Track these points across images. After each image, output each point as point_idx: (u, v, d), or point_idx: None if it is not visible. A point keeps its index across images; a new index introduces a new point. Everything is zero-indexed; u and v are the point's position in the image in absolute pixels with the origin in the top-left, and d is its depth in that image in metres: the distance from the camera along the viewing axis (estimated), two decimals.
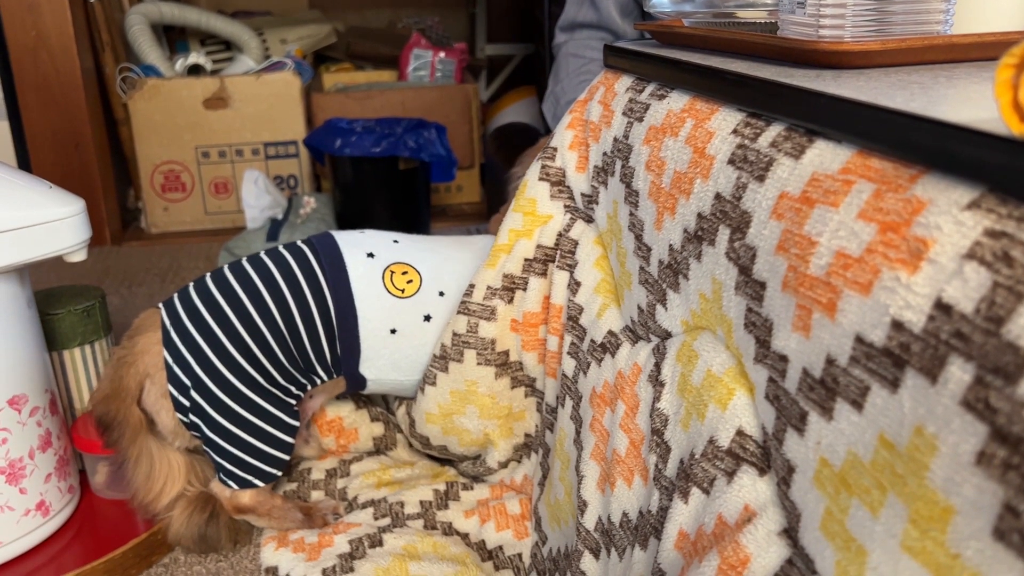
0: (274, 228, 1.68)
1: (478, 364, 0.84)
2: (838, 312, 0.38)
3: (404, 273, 0.88)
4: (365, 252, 0.89)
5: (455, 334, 0.84)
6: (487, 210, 2.07)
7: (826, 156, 0.42)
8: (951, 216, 0.33)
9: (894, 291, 0.35)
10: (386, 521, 0.86)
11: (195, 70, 2.04)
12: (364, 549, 0.81)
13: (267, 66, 2.02)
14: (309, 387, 0.88)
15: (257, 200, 1.77)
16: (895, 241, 0.36)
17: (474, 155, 2.10)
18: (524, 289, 0.82)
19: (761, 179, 0.47)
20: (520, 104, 2.23)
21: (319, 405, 0.96)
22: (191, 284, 0.86)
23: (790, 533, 0.42)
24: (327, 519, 0.87)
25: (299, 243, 0.90)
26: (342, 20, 2.49)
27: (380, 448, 1.00)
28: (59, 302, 0.94)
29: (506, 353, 0.84)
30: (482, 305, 0.83)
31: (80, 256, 0.84)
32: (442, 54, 2.20)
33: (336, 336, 0.86)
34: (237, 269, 0.86)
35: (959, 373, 0.31)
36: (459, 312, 0.84)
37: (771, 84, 0.49)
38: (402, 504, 0.88)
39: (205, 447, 0.84)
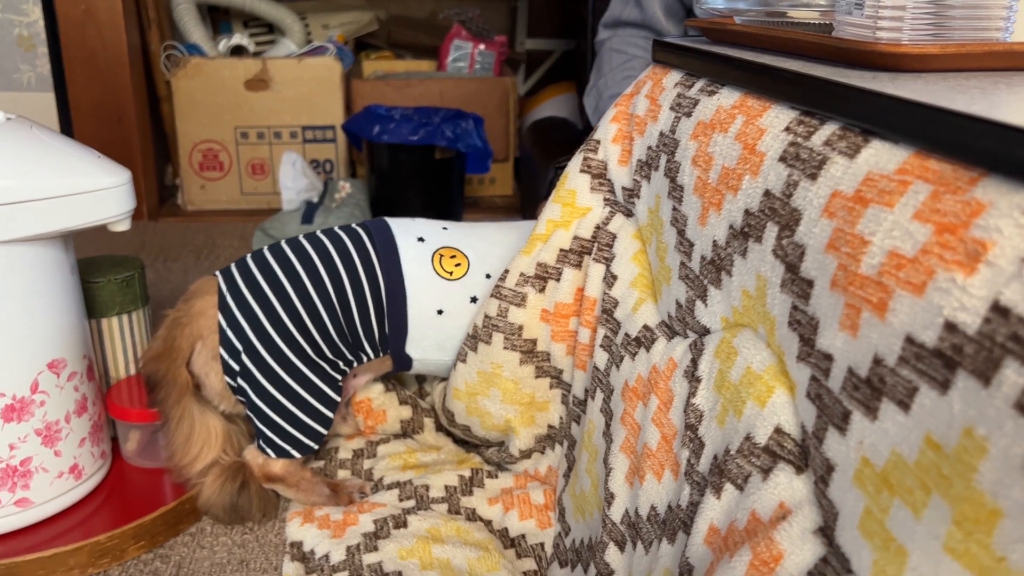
0: (309, 211, 1.70)
1: (504, 348, 0.85)
2: (888, 312, 0.38)
3: (452, 256, 0.91)
4: (416, 236, 0.92)
5: (486, 316, 0.86)
6: (520, 203, 2.07)
7: (882, 156, 0.42)
8: (1012, 219, 0.33)
9: (949, 292, 0.35)
10: (411, 503, 0.87)
11: (238, 51, 2.06)
12: (388, 529, 0.82)
13: (309, 50, 2.03)
14: (355, 364, 0.90)
15: (294, 182, 1.78)
16: (952, 243, 0.35)
17: (509, 148, 2.11)
18: (557, 280, 0.82)
19: (813, 177, 0.46)
20: (558, 99, 2.23)
21: (363, 383, 0.98)
22: (249, 255, 0.89)
23: (826, 532, 0.42)
24: (353, 497, 0.88)
25: (354, 225, 0.93)
26: (384, 8, 2.49)
27: (407, 431, 1.01)
28: (100, 271, 0.95)
29: (533, 342, 0.85)
30: (514, 291, 0.84)
31: (124, 226, 0.85)
32: (482, 46, 2.20)
33: (385, 315, 0.88)
34: (295, 244, 0.89)
35: (1014, 376, 0.31)
36: (492, 295, 0.86)
37: (827, 83, 0.49)
38: (427, 487, 0.89)
39: (249, 412, 0.85)
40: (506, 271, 0.85)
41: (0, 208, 0.73)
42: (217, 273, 0.88)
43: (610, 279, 0.76)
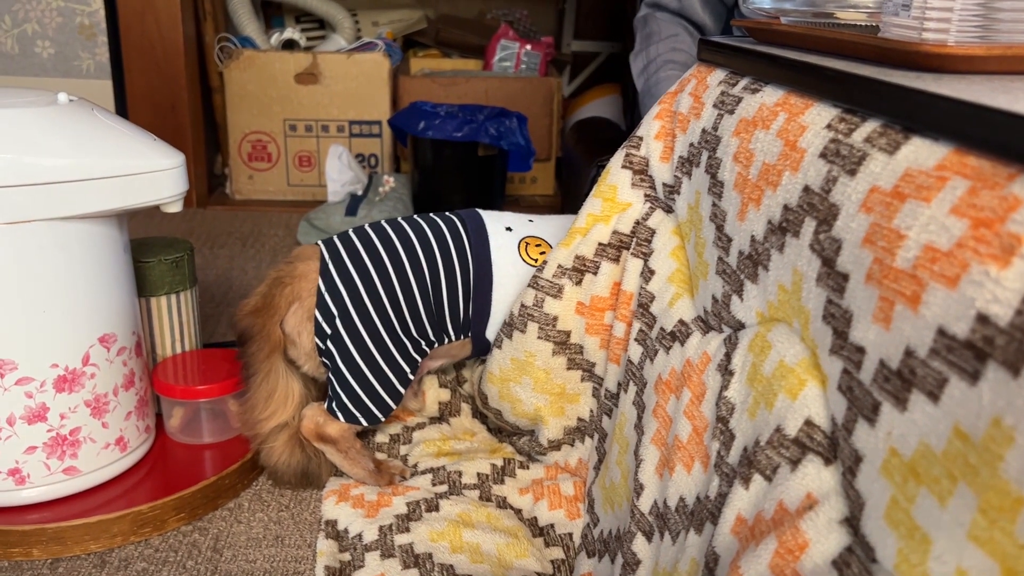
0: (353, 203, 1.72)
1: (538, 338, 0.87)
2: (922, 304, 0.38)
3: (538, 245, 0.95)
4: (504, 226, 0.96)
5: (523, 305, 0.87)
6: (560, 204, 2.08)
7: (922, 153, 0.43)
8: None
9: (982, 285, 0.35)
10: (443, 488, 0.88)
11: (289, 45, 2.10)
12: (421, 512, 0.83)
13: (358, 46, 2.06)
14: (436, 345, 0.93)
15: (340, 175, 1.81)
16: (987, 237, 0.36)
17: (552, 148, 2.12)
18: (595, 273, 0.83)
19: (852, 173, 0.47)
20: (602, 100, 2.24)
21: (437, 366, 1.02)
22: (350, 229, 0.93)
23: (851, 522, 0.43)
24: (394, 479, 0.90)
25: (448, 213, 0.97)
26: (433, 7, 2.52)
27: (444, 414, 1.03)
28: (151, 251, 0.98)
29: (567, 333, 0.86)
30: (550, 282, 0.85)
31: (177, 207, 0.88)
32: (528, 47, 2.22)
33: (471, 298, 0.92)
34: (394, 223, 0.93)
35: None
36: (529, 285, 0.87)
37: (870, 81, 0.49)
38: (460, 474, 0.90)
39: (330, 375, 0.88)
40: (544, 262, 0.86)
41: (61, 186, 0.76)
42: (319, 242, 0.91)
43: (647, 274, 0.77)
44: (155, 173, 0.83)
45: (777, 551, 0.45)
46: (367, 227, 0.93)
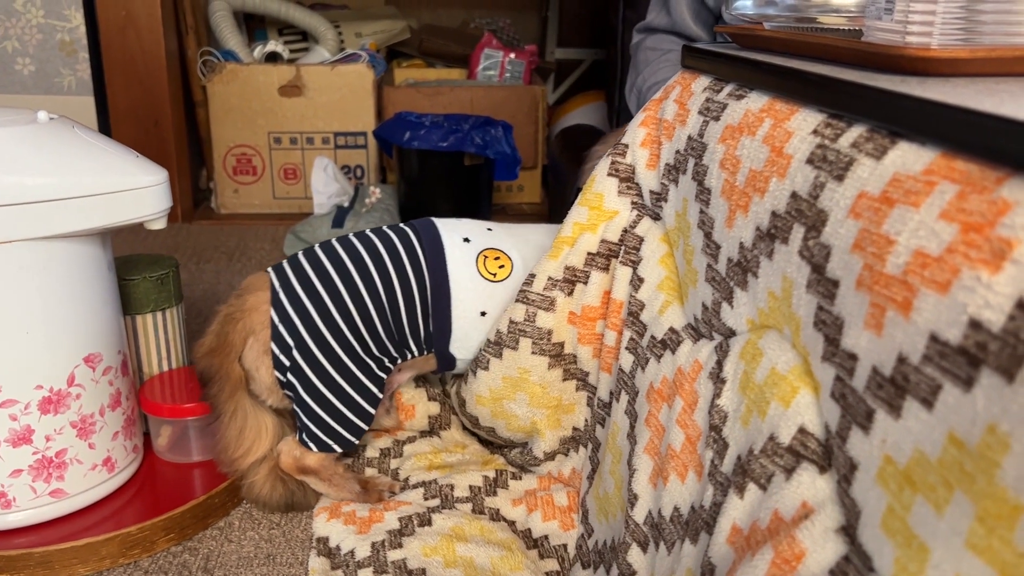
0: (340, 215, 1.72)
1: (532, 353, 0.86)
2: (913, 311, 0.38)
3: (496, 258, 0.92)
4: (462, 237, 0.93)
5: (512, 322, 0.86)
6: (547, 211, 2.08)
7: (909, 157, 0.42)
8: None
9: (973, 290, 0.35)
10: (436, 502, 0.88)
11: (272, 57, 2.09)
12: (413, 527, 0.82)
13: (342, 58, 2.06)
14: (400, 361, 0.91)
15: (325, 187, 1.81)
16: (977, 241, 0.36)
17: (538, 156, 2.12)
18: (585, 283, 0.83)
19: (840, 178, 0.47)
20: (587, 108, 2.24)
21: (406, 379, 1.00)
22: (300, 252, 0.90)
23: (848, 531, 0.42)
24: (383, 495, 0.89)
25: (402, 225, 0.94)
26: (416, 17, 2.52)
27: (434, 428, 1.02)
28: (135, 269, 0.98)
29: (561, 345, 0.85)
30: (541, 295, 0.84)
31: (160, 224, 0.87)
32: (512, 55, 2.22)
33: (430, 314, 0.89)
34: (345, 242, 0.90)
35: None
36: (518, 300, 0.86)
37: (855, 86, 0.49)
38: (452, 487, 0.90)
39: (295, 407, 0.87)
40: (532, 275, 0.86)
41: (42, 205, 0.75)
42: (269, 269, 0.89)
43: (637, 282, 0.77)
44: (138, 190, 0.83)
45: (774, 561, 0.45)
46: (317, 248, 0.90)
